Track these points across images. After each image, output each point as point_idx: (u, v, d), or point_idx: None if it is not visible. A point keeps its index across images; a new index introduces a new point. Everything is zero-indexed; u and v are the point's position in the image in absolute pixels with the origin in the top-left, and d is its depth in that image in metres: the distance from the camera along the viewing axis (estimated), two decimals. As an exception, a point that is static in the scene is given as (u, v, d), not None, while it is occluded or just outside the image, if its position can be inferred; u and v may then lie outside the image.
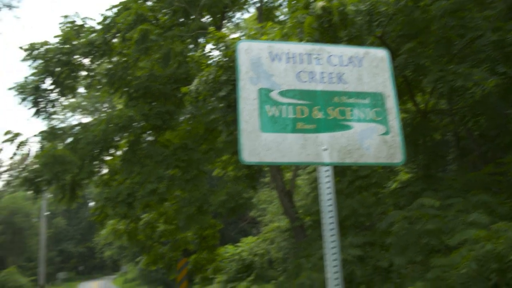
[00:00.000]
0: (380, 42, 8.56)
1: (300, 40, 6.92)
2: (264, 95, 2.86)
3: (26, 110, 32.59)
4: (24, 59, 11.73)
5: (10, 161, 60.09)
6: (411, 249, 6.80)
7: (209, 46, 12.41)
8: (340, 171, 9.78)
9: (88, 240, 56.39)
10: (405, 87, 9.63)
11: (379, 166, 7.75)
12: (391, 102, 3.06)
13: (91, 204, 53.11)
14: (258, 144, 2.71)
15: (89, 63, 12.44)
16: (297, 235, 11.80)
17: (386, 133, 2.95)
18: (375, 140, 2.91)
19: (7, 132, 11.59)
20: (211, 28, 8.87)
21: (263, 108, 2.82)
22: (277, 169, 11.66)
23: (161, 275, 28.87)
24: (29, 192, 12.14)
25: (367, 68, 3.13)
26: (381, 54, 3.22)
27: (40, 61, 11.54)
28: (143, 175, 10.08)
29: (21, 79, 11.87)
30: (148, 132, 12.31)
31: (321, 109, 2.91)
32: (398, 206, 8.76)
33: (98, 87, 13.09)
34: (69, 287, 47.18)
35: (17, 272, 31.47)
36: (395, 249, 7.12)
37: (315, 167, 9.06)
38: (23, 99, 11.66)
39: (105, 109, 30.78)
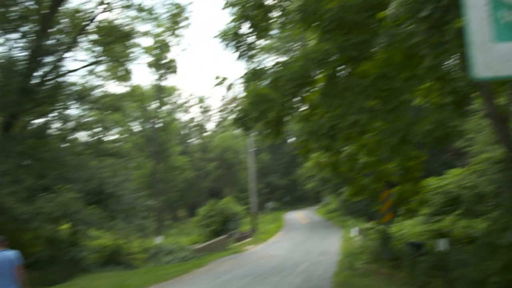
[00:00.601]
0: None
1: None
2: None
3: (230, 55, 35.95)
4: (224, 7, 12.62)
5: (220, 104, 67.16)
6: None
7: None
8: None
9: (290, 173, 60.54)
10: None
11: None
12: None
13: (290, 140, 56.38)
14: (491, 56, 2.36)
15: (281, 2, 12.73)
16: (514, 166, 10.59)
17: None
18: None
19: (216, 77, 12.92)
20: None
21: (496, 15, 2.42)
22: (489, 94, 10.45)
23: (363, 206, 29.43)
24: (237, 131, 13.42)
25: None
26: None
27: (237, 8, 12.28)
28: (344, 108, 10.10)
29: (223, 28, 12.90)
30: (343, 66, 12.18)
31: None
32: None
33: (291, 25, 13.36)
34: (278, 215, 51.73)
35: (233, 201, 35.65)
36: None
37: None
38: (226, 45, 12.71)
39: (297, 47, 31.44)
